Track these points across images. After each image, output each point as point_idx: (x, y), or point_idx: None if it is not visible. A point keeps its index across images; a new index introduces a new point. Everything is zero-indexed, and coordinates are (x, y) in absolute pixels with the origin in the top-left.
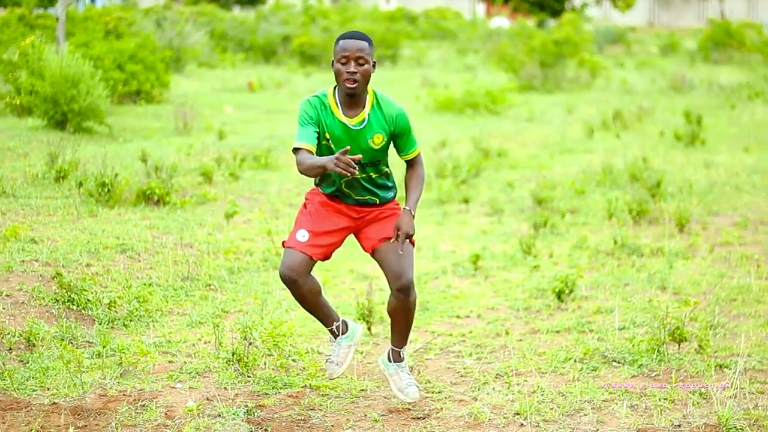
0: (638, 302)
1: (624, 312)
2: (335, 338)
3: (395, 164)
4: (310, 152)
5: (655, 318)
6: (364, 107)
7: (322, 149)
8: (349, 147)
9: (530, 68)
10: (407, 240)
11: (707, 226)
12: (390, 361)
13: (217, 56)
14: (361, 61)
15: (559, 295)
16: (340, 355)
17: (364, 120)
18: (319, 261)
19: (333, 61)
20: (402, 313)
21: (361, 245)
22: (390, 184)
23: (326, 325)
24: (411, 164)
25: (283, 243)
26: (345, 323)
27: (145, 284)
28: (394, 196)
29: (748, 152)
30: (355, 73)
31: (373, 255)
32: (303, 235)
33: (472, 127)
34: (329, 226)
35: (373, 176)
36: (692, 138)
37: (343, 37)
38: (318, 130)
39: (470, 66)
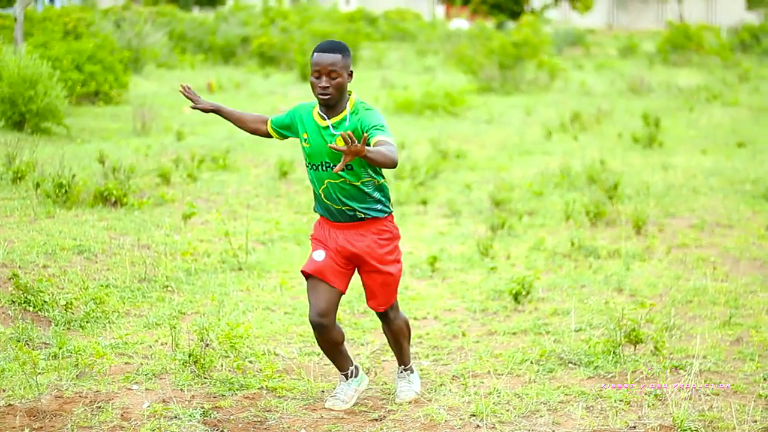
0: (595, 304)
1: (580, 314)
2: (346, 379)
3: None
4: (266, 127)
5: (612, 320)
6: (342, 114)
7: (305, 151)
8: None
9: (489, 70)
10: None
11: (664, 228)
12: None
13: (176, 57)
14: (333, 75)
15: (516, 297)
16: (347, 395)
17: (339, 122)
18: (340, 297)
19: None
20: (389, 335)
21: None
22: (377, 197)
23: (342, 369)
24: (379, 143)
25: (302, 272)
26: (357, 368)
27: (101, 285)
28: (384, 215)
29: (706, 154)
30: (327, 87)
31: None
32: (319, 255)
33: (431, 128)
34: (337, 265)
35: (350, 182)
36: (650, 140)
37: (318, 49)
38: (290, 123)
39: (430, 67)
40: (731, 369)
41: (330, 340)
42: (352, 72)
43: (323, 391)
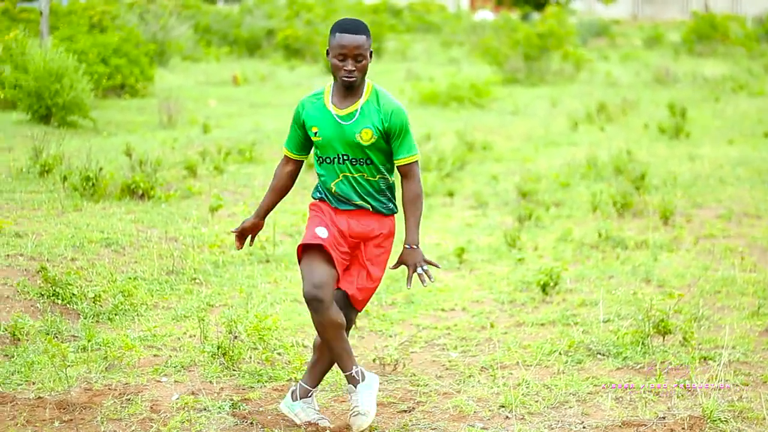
0: (623, 295)
1: (609, 305)
2: (355, 387)
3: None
4: (291, 159)
5: (640, 310)
6: (358, 99)
7: (316, 144)
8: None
9: (514, 61)
10: (423, 271)
11: (691, 219)
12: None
13: (201, 50)
14: (359, 58)
15: (544, 288)
16: (365, 403)
17: (355, 112)
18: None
19: (328, 51)
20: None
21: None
22: (389, 195)
23: (345, 369)
24: (405, 175)
25: (298, 248)
26: (362, 371)
27: (130, 278)
28: (391, 213)
29: (733, 145)
30: (353, 70)
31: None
32: (322, 231)
33: (457, 120)
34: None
35: (368, 177)
36: (676, 131)
37: (341, 30)
38: (302, 132)
39: (455, 59)
40: (760, 359)
41: (329, 321)
42: (372, 52)
43: None
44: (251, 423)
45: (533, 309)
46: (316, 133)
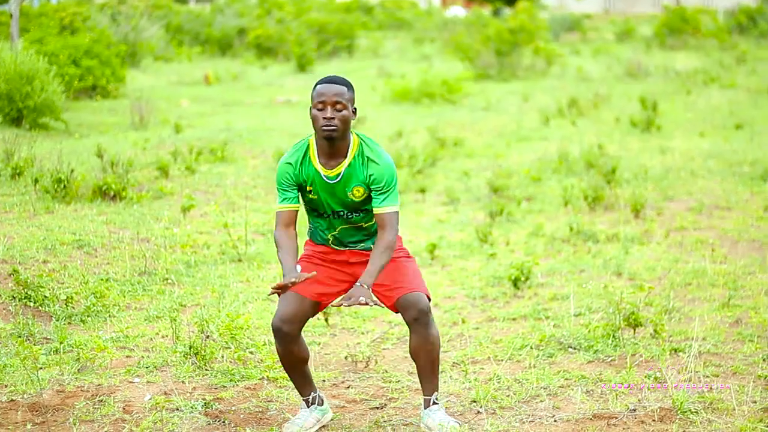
0: (594, 288)
1: (580, 298)
2: (308, 406)
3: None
4: (292, 212)
5: (611, 304)
6: (345, 157)
7: (310, 201)
8: (297, 279)
9: (486, 57)
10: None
11: (662, 212)
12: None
13: (173, 50)
14: (339, 107)
15: (515, 283)
16: (308, 421)
17: (340, 174)
18: (314, 311)
19: (310, 108)
20: (422, 349)
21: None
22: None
23: (303, 394)
24: (382, 224)
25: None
26: (321, 398)
27: (102, 279)
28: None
29: (704, 137)
30: (333, 119)
31: (394, 306)
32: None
33: (429, 116)
34: (325, 277)
35: (365, 225)
36: (648, 124)
37: (321, 81)
38: (297, 191)
39: (427, 55)
40: (730, 350)
41: (291, 353)
42: (356, 109)
43: (324, 381)
44: (223, 422)
45: (505, 304)
46: (310, 192)
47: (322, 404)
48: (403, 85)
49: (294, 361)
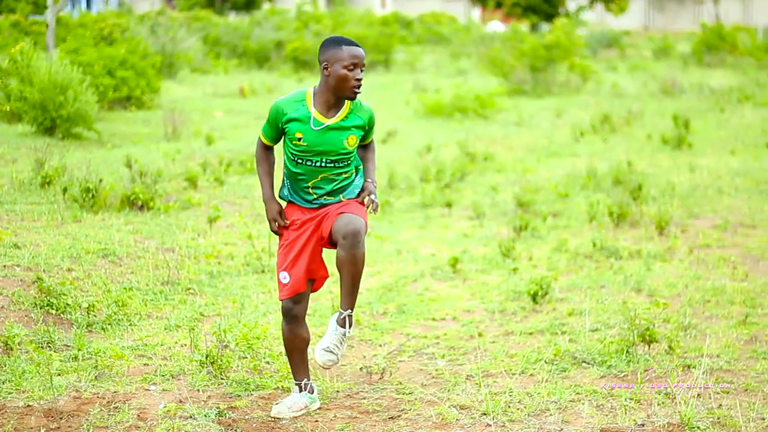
0: (611, 304)
1: (597, 314)
2: (300, 391)
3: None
4: (270, 147)
5: (626, 319)
6: (344, 107)
7: (292, 147)
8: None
9: (521, 72)
10: (372, 205)
11: (687, 229)
12: (336, 323)
13: (210, 62)
14: (364, 68)
15: (534, 298)
16: (296, 404)
17: (343, 120)
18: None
19: (327, 66)
20: (347, 266)
21: (323, 237)
22: (357, 182)
23: (297, 378)
24: (367, 147)
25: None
26: (312, 387)
27: (124, 288)
28: (358, 195)
29: (734, 155)
30: (361, 80)
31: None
32: (284, 277)
33: (460, 131)
34: (301, 249)
35: (345, 175)
36: (679, 141)
37: (347, 43)
38: (279, 131)
39: (463, 70)
40: (743, 367)
41: (297, 336)
42: None
43: (338, 392)
44: (236, 430)
45: (523, 318)
46: (300, 139)
47: (313, 392)
48: (435, 99)
49: (298, 342)
